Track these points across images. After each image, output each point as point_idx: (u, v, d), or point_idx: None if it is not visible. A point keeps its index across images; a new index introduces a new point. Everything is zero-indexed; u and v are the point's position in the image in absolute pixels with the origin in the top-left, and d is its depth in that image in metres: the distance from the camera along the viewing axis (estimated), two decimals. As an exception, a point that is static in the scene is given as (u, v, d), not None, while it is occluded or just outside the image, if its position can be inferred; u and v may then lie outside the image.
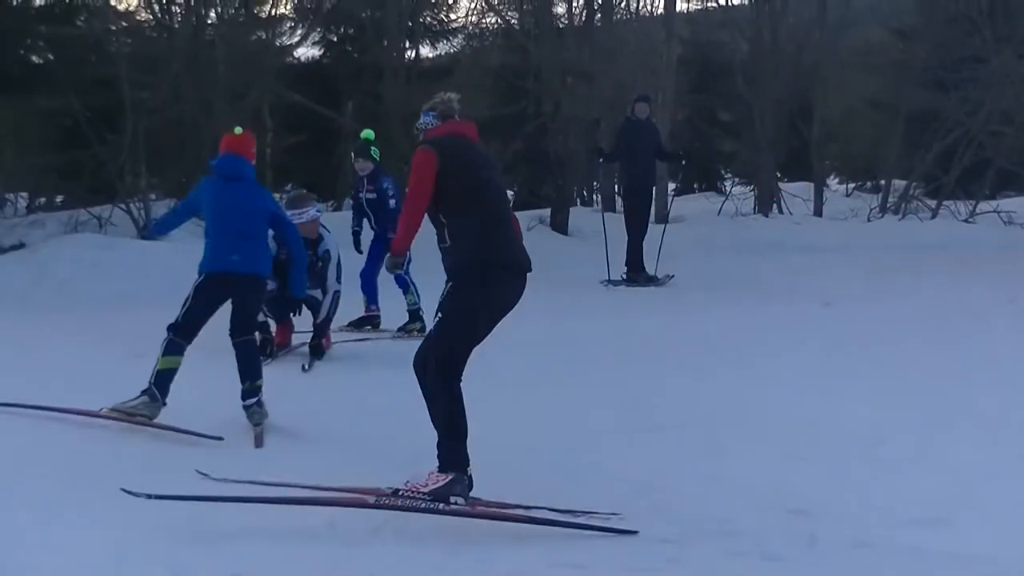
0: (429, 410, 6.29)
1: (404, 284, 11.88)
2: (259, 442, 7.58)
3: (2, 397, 8.11)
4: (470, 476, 6.15)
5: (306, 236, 10.22)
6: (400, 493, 5.95)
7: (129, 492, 5.78)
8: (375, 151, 11.95)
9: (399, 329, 11.97)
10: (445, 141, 6.45)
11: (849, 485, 6.71)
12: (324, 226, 10.52)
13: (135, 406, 7.82)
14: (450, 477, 6.02)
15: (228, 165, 8.85)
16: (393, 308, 12.25)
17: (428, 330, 6.60)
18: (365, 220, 12.45)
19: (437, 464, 6.08)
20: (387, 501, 5.91)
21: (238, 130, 9.24)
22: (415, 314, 12.01)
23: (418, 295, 11.89)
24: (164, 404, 7.92)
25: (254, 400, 8.06)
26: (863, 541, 5.85)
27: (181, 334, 8.21)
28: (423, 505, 5.88)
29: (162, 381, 8.01)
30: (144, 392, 7.87)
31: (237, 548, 5.57)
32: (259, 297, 8.82)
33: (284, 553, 5.53)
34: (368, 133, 12.20)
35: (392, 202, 11.85)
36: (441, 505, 5.89)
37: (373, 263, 11.96)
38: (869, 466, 7.05)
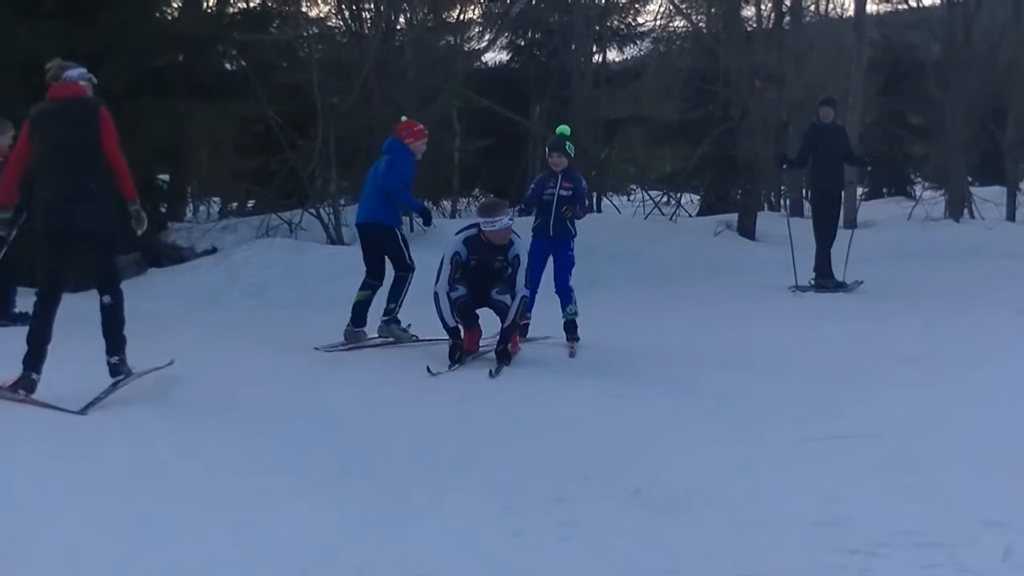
0: None
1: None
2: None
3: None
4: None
5: (498, 243, 10.33)
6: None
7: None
8: (570, 147, 11.75)
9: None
10: None
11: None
12: (515, 232, 10.55)
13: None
14: None
15: (386, 143, 11.90)
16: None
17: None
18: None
19: None
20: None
21: (403, 118, 12.43)
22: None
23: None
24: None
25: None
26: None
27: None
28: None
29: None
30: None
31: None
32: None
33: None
34: (564, 128, 11.99)
35: (586, 200, 12.03)
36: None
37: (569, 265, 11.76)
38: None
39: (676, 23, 33.52)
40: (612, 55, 35.85)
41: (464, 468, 6.94)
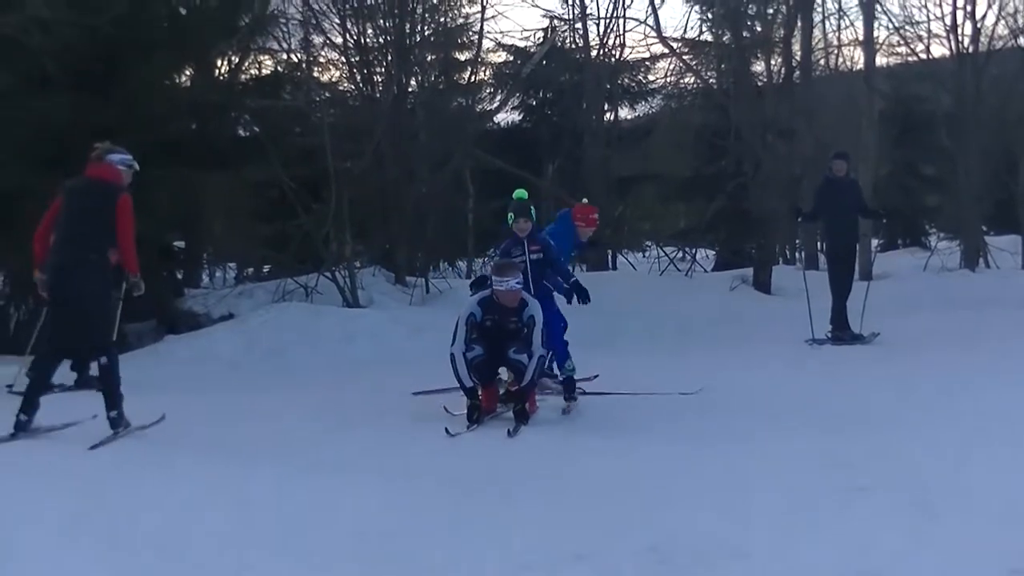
0: None
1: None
2: None
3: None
4: None
5: (509, 305, 10.35)
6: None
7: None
8: (532, 211, 11.47)
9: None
10: None
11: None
12: (528, 294, 10.55)
13: None
14: None
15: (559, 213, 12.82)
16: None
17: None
18: None
19: None
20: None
21: (584, 200, 13.28)
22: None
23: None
24: None
25: None
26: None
27: None
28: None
29: None
30: None
31: None
32: None
33: None
34: (522, 192, 11.68)
35: (554, 252, 11.41)
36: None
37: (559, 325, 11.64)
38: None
39: (687, 80, 33.62)
40: (624, 113, 36.01)
41: (483, 527, 6.92)
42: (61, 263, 9.66)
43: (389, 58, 24.36)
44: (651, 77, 35.55)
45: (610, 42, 32.89)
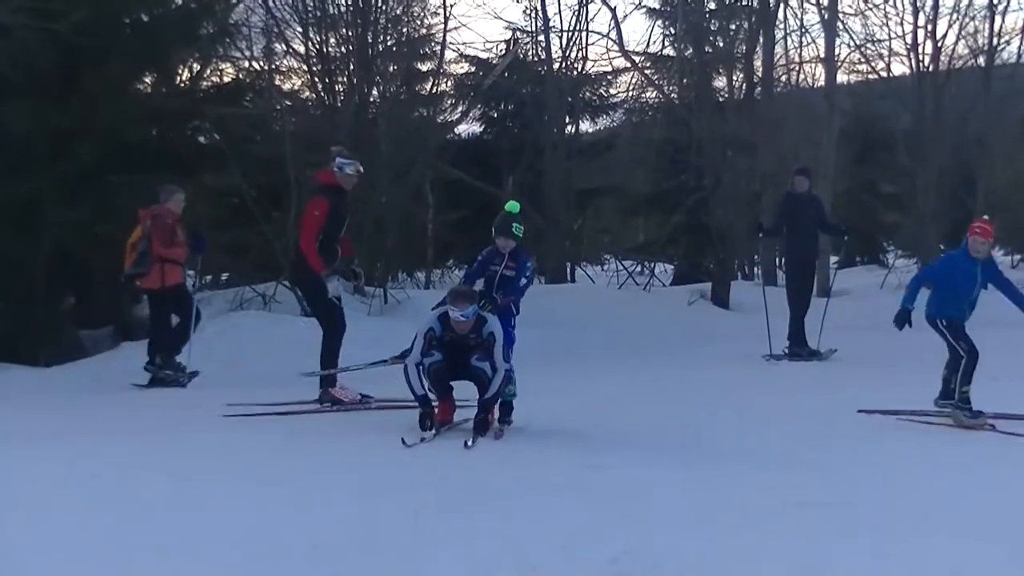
0: None
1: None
2: None
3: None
4: None
5: (461, 332, 10.26)
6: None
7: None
8: (518, 228, 11.09)
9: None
10: None
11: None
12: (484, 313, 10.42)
13: None
14: None
15: None
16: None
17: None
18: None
19: None
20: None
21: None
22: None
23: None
24: None
25: None
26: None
27: None
28: None
29: None
30: None
31: None
32: None
33: None
34: (513, 205, 11.43)
35: (524, 281, 11.12)
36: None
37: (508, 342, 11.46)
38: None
39: (648, 94, 33.75)
40: (585, 126, 36.16)
41: (440, 539, 6.89)
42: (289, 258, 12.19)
43: (351, 67, 24.36)
44: (613, 91, 35.75)
45: (572, 55, 33.06)
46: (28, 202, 16.22)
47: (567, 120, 33.44)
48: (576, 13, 32.72)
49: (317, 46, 24.42)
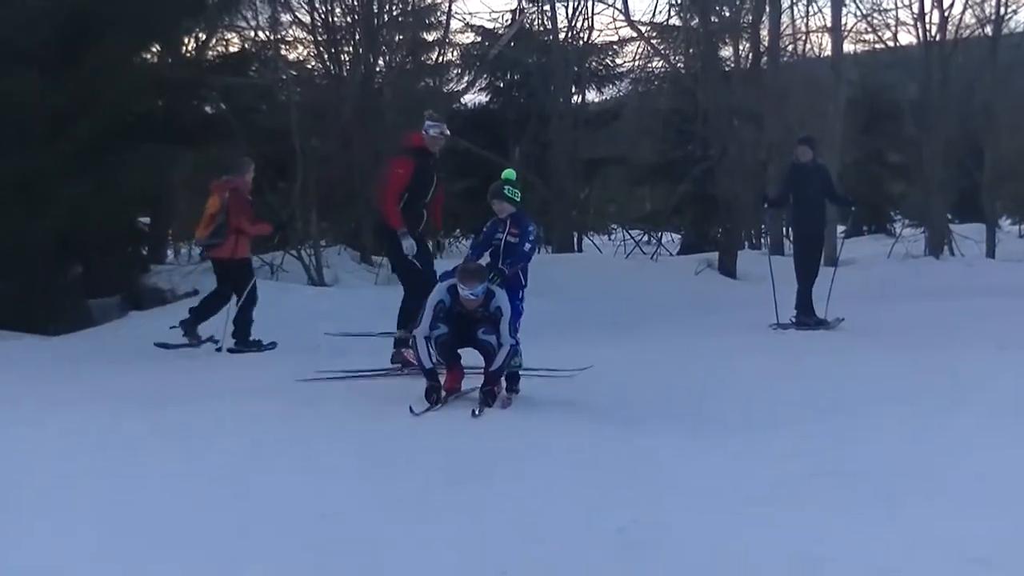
0: None
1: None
2: None
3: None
4: None
5: (469, 308, 10.23)
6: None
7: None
8: (511, 191, 10.99)
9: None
10: None
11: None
12: (495, 285, 10.37)
13: None
14: None
15: None
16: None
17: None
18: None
19: None
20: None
21: None
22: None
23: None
24: None
25: None
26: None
27: None
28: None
29: None
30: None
31: None
32: None
33: None
34: (509, 172, 11.29)
35: (528, 246, 11.01)
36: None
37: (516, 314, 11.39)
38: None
39: (654, 64, 33.69)
40: (591, 96, 36.07)
41: (447, 508, 6.90)
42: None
43: (357, 37, 24.33)
44: (619, 61, 35.67)
45: (578, 25, 32.99)
46: (33, 174, 16.21)
47: (573, 90, 33.40)
48: (582, -18, 32.65)
49: (323, 16, 24.41)
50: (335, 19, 24.53)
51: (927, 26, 30.50)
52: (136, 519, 6.55)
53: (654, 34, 33.44)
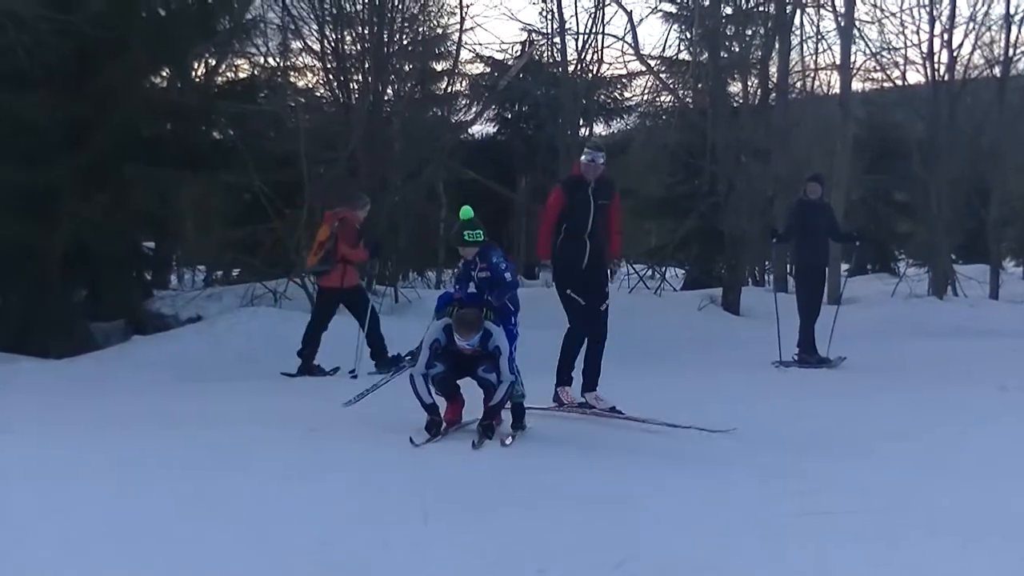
0: None
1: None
2: None
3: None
4: None
5: (468, 353, 10.20)
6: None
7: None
8: (469, 235, 10.67)
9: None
10: None
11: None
12: (490, 322, 10.32)
13: None
14: None
15: None
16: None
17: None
18: None
19: None
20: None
21: None
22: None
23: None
24: None
25: None
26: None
27: None
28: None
29: None
30: None
31: None
32: None
33: None
34: (465, 211, 10.82)
35: (507, 275, 10.75)
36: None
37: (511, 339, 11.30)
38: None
39: (663, 98, 33.75)
40: (599, 129, 36.12)
41: (447, 540, 6.90)
42: None
43: (366, 66, 24.39)
44: (627, 94, 35.78)
45: (588, 58, 33.05)
46: (43, 194, 16.26)
47: (581, 122, 33.44)
48: (592, 16, 32.74)
49: (333, 44, 24.49)
50: (345, 47, 24.62)
51: (936, 66, 30.57)
52: (131, 544, 6.54)
53: (663, 68, 33.54)
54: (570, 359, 12.18)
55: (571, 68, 32.86)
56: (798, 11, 29.88)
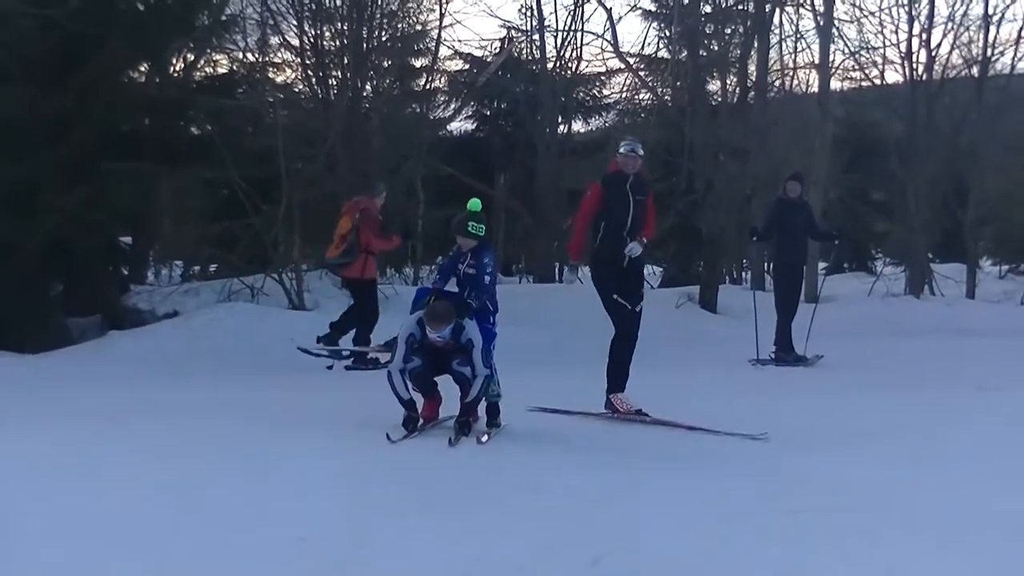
0: None
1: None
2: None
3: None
4: None
5: (441, 348, 10.21)
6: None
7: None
8: (474, 227, 10.79)
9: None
10: None
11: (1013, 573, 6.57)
12: (464, 317, 10.31)
13: None
14: None
15: None
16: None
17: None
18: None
19: None
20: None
21: None
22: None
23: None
24: None
25: None
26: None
27: None
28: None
29: None
30: None
31: None
32: None
33: None
34: (474, 203, 11.07)
35: (487, 278, 10.75)
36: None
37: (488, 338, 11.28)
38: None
39: (641, 96, 33.77)
40: (577, 126, 36.11)
41: (424, 537, 6.89)
42: None
43: (345, 62, 24.35)
44: (606, 92, 35.72)
45: (567, 55, 33.02)
46: (22, 188, 16.20)
47: (560, 120, 33.45)
48: (571, 13, 32.74)
49: (312, 39, 24.42)
50: (324, 43, 24.56)
51: (914, 65, 30.63)
52: (107, 537, 6.53)
53: (642, 66, 33.56)
54: (621, 365, 12.16)
55: (550, 65, 32.87)
56: (777, 10, 29.92)
